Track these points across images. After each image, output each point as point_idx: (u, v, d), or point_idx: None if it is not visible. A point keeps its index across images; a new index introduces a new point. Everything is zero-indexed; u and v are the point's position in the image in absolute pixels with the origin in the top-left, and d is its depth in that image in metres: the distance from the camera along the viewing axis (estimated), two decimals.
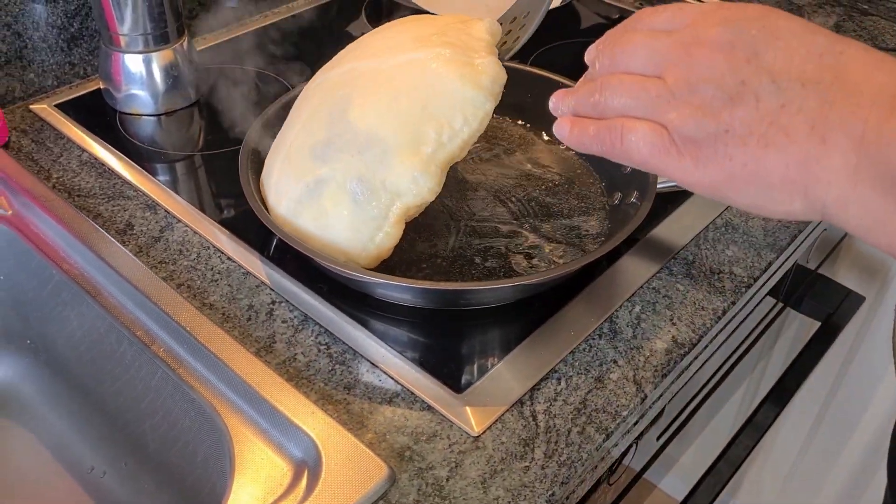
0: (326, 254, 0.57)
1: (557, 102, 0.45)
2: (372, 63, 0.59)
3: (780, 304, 0.89)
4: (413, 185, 0.54)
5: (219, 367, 0.55)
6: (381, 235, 0.56)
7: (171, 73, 0.79)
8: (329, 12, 1.02)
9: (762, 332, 0.87)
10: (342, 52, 0.67)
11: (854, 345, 1.14)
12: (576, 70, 0.92)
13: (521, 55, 0.94)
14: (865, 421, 1.17)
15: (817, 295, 0.92)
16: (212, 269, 0.63)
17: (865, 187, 0.34)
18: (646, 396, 0.54)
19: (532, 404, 0.53)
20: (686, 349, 0.57)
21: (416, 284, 0.56)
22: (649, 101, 0.39)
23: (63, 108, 0.81)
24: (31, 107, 0.81)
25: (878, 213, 0.34)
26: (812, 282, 0.92)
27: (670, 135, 0.39)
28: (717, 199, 0.40)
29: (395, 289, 0.58)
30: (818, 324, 0.92)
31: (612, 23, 1.02)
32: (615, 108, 0.41)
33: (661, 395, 0.57)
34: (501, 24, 0.74)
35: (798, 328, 1.04)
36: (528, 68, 0.76)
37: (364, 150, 0.55)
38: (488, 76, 0.55)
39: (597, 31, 1.01)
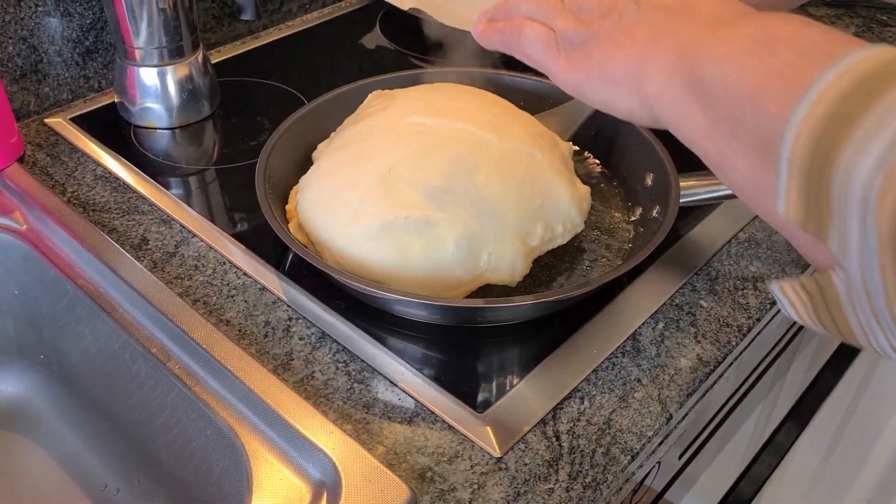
0: (382, 279, 0.57)
1: (479, 15, 0.54)
2: (490, 136, 0.60)
3: None
4: (510, 268, 0.58)
5: (236, 385, 0.54)
6: (450, 293, 0.57)
7: (185, 86, 0.79)
8: (343, 25, 1.02)
9: (783, 349, 0.85)
10: (413, 94, 0.67)
11: (872, 361, 1.13)
12: None
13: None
14: (885, 438, 1.15)
15: None
16: (228, 284, 0.62)
17: (676, 84, 0.41)
18: (671, 416, 0.53)
19: (555, 424, 0.52)
20: (711, 367, 0.56)
21: (434, 301, 0.55)
22: (547, 10, 0.49)
23: (78, 121, 0.81)
24: (46, 120, 0.80)
25: (682, 108, 0.41)
26: None
27: (556, 37, 0.48)
28: (580, 96, 0.47)
29: (414, 305, 0.57)
30: (836, 339, 0.91)
31: None
32: (521, 12, 0.50)
33: (685, 415, 0.55)
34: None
35: (817, 345, 1.03)
36: (546, 82, 0.75)
37: (483, 216, 0.57)
38: (587, 203, 0.63)
39: None
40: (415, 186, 0.57)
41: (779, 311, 0.64)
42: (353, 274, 0.57)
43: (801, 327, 0.89)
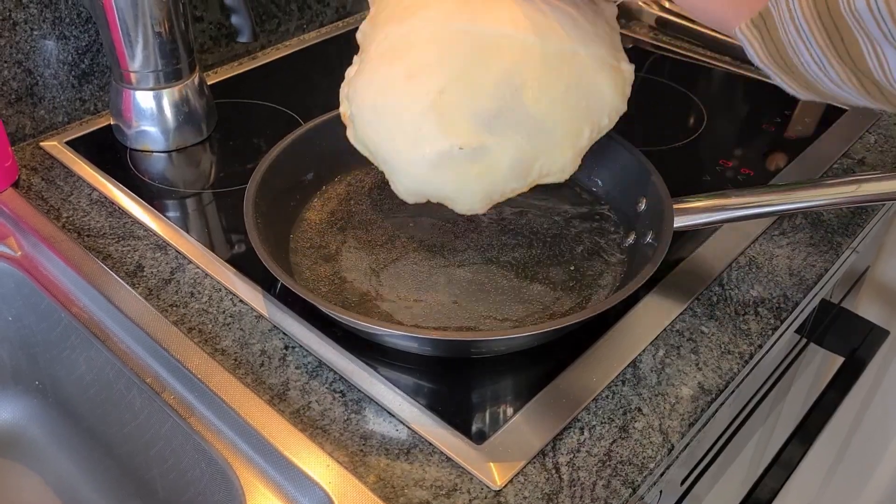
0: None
1: None
2: (532, 39, 0.59)
3: (804, 340, 0.87)
4: (561, 171, 0.60)
5: (231, 416, 0.53)
6: (500, 196, 0.61)
7: (182, 109, 0.78)
8: (342, 45, 1.02)
9: (786, 369, 0.84)
10: None
11: (876, 379, 1.12)
12: None
13: None
14: (889, 457, 1.14)
15: (840, 330, 0.90)
16: (224, 312, 0.61)
17: None
18: (673, 447, 0.52)
19: (554, 455, 0.51)
20: (713, 396, 0.55)
21: (421, 334, 0.54)
22: None
23: (73, 144, 0.80)
24: (41, 144, 0.80)
25: None
26: (835, 316, 0.90)
27: None
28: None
29: (402, 338, 0.56)
30: (840, 358, 0.90)
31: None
32: None
33: (687, 445, 0.55)
34: None
35: (820, 363, 1.02)
36: None
37: (534, 135, 0.58)
38: (629, 85, 0.63)
39: None
40: (465, 113, 0.57)
41: (782, 335, 0.63)
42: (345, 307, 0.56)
43: (807, 343, 0.89)
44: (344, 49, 1.01)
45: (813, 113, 0.88)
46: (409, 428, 0.53)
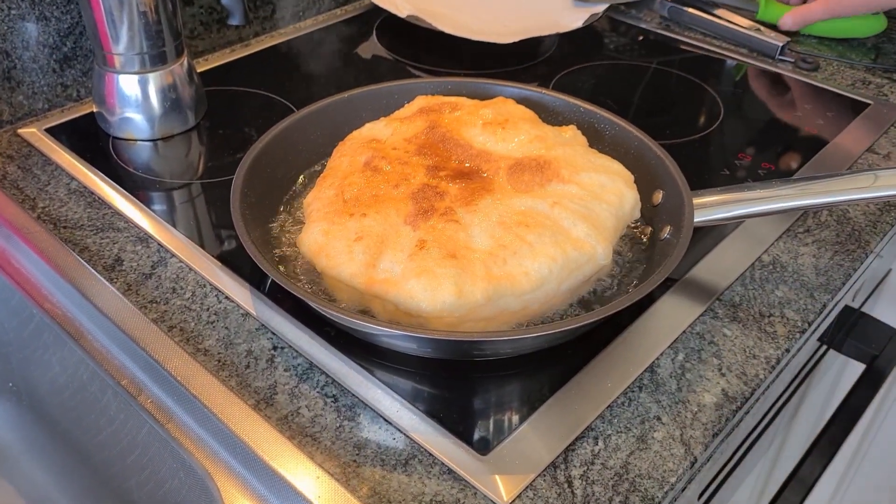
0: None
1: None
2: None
3: (823, 346, 0.83)
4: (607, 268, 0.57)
5: (212, 422, 0.49)
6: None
7: (168, 95, 0.74)
8: (338, 33, 0.97)
9: (805, 377, 0.80)
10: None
11: (890, 386, 1.07)
12: (598, 93, 0.87)
13: (544, 77, 0.88)
14: None
15: (861, 335, 0.85)
16: (207, 309, 0.57)
17: None
18: (695, 459, 0.48)
19: (567, 468, 0.47)
20: (738, 403, 0.51)
21: (425, 334, 0.50)
22: None
23: (53, 132, 0.76)
24: (19, 131, 0.75)
25: None
26: (855, 321, 0.85)
27: None
28: None
29: (401, 338, 0.51)
30: (859, 365, 0.86)
31: (636, 45, 0.96)
32: None
33: (710, 457, 0.50)
34: None
35: (837, 370, 0.97)
36: (546, 92, 0.70)
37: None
38: (621, 179, 0.60)
39: (619, 54, 0.95)
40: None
41: (808, 338, 0.59)
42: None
43: (827, 349, 0.84)
44: (340, 39, 0.96)
45: (835, 106, 0.84)
46: (407, 436, 0.48)
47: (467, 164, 0.59)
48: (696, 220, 0.57)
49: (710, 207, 0.59)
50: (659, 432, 0.49)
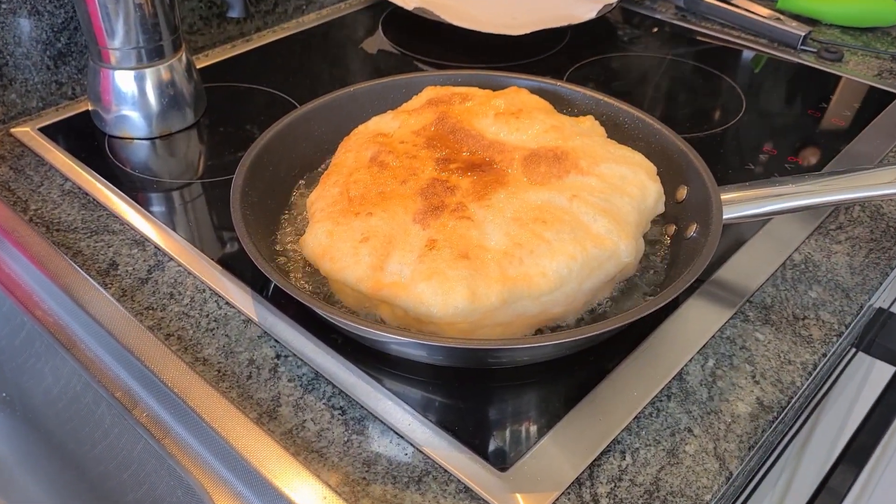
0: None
1: None
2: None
3: (852, 348, 0.79)
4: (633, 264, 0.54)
5: (211, 438, 0.45)
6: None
7: (166, 91, 0.71)
8: (343, 27, 0.94)
9: (834, 381, 0.76)
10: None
11: None
12: (612, 86, 0.84)
13: (556, 71, 0.85)
14: None
15: (890, 336, 0.82)
16: (207, 316, 0.54)
17: None
18: (731, 475, 0.44)
19: (593, 485, 0.43)
20: (774, 413, 0.48)
21: (433, 341, 0.46)
22: None
23: (47, 131, 0.73)
24: (12, 130, 0.72)
25: None
26: (885, 321, 0.82)
27: None
28: None
29: (412, 346, 0.48)
30: (885, 367, 0.82)
31: (650, 36, 0.93)
32: None
33: (747, 471, 0.47)
34: None
35: (863, 374, 0.94)
36: (561, 84, 0.67)
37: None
38: (644, 172, 0.56)
39: (633, 46, 0.92)
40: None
41: (845, 341, 0.55)
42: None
43: (856, 352, 0.80)
44: (345, 33, 0.93)
45: (861, 97, 0.80)
46: (420, 451, 0.45)
47: (479, 156, 0.56)
48: (726, 216, 0.54)
49: (738, 204, 0.55)
50: (691, 445, 0.46)
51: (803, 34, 0.89)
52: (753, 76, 0.85)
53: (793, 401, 0.49)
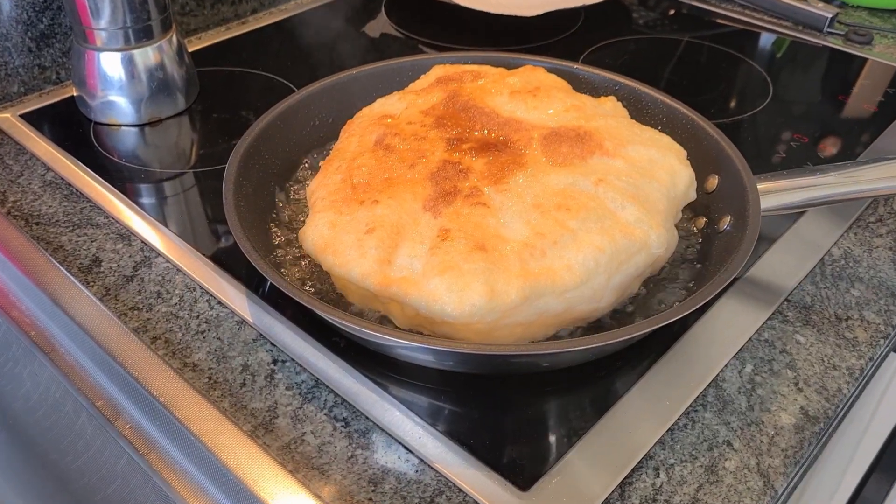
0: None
1: None
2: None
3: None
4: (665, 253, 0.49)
5: (201, 453, 0.41)
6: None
7: (156, 75, 0.66)
8: (344, 10, 0.89)
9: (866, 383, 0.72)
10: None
11: None
12: (627, 70, 0.79)
13: (570, 55, 0.81)
14: None
15: None
16: (197, 316, 0.49)
17: None
18: (777, 493, 0.40)
19: None
20: (821, 424, 0.43)
21: (447, 347, 0.41)
22: None
23: (29, 118, 0.68)
24: None
25: None
26: None
27: None
28: None
29: (421, 350, 0.44)
30: None
31: (666, 18, 0.88)
32: None
33: (794, 489, 0.42)
34: None
35: (890, 376, 0.89)
36: (579, 66, 0.63)
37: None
38: (671, 151, 0.52)
39: (649, 28, 0.87)
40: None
41: (891, 341, 0.51)
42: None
43: (883, 357, 0.76)
44: (346, 15, 0.89)
45: (892, 80, 0.75)
46: (431, 467, 0.41)
47: (494, 135, 0.51)
48: (764, 207, 0.50)
49: (775, 194, 0.51)
50: (731, 461, 0.41)
51: (830, 16, 0.84)
52: (776, 60, 0.81)
53: (840, 410, 0.45)
